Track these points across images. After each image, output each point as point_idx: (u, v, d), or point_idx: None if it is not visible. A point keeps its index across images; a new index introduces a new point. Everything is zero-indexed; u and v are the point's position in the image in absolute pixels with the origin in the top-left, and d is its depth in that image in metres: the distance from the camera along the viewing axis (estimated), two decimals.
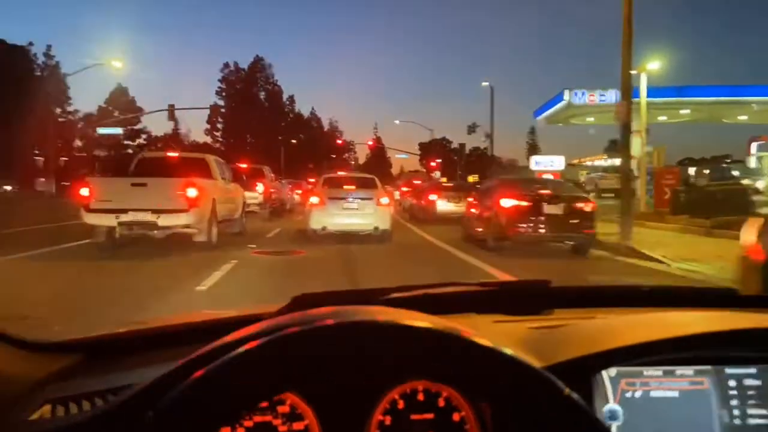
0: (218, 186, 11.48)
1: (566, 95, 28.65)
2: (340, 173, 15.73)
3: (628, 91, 15.11)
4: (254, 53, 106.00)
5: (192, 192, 9.74)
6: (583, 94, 28.47)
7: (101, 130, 42.04)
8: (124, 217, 9.59)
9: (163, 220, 9.65)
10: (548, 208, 10.41)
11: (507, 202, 10.79)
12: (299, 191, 29.19)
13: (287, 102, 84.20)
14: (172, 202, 9.67)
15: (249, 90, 76.23)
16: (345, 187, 12.99)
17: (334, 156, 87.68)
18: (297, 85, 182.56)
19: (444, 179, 45.57)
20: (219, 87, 75.68)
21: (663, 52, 25.27)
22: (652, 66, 22.51)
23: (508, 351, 0.71)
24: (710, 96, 27.05)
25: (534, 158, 26.60)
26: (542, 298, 1.20)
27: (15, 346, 0.92)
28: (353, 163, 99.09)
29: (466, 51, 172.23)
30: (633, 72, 15.98)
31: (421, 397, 0.85)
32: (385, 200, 12.58)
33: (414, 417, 0.89)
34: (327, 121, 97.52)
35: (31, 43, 50.43)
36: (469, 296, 1.21)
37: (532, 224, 10.53)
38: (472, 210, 13.09)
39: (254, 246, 11.02)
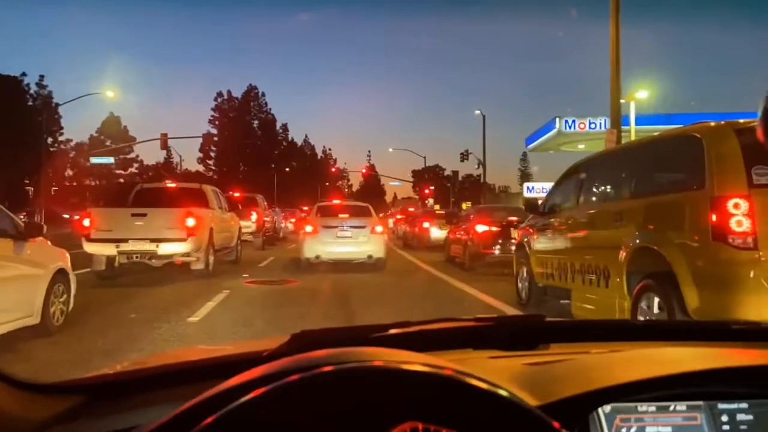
0: (215, 215, 11.65)
1: (557, 123, 28.91)
2: (335, 201, 15.82)
3: (618, 119, 15.33)
4: (247, 82, 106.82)
5: (191, 221, 9.92)
6: (573, 122, 28.75)
7: (94, 160, 41.99)
8: (124, 246, 9.77)
9: (163, 249, 9.85)
10: (515, 233, 10.60)
11: (480, 228, 12.20)
12: (293, 219, 29.29)
13: (280, 130, 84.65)
14: (171, 231, 9.86)
15: (242, 119, 76.57)
16: (339, 215, 12.98)
17: (327, 183, 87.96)
18: (290, 114, 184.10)
19: (437, 206, 45.78)
20: (212, 116, 76.06)
21: (651, 81, 25.75)
22: (640, 95, 22.86)
23: (503, 391, 0.72)
24: (698, 122, 27.46)
25: (527, 185, 26.75)
26: (537, 333, 1.21)
27: (17, 388, 0.91)
28: (347, 190, 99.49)
29: (458, 79, 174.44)
30: (622, 101, 16.27)
31: None
32: (379, 228, 12.63)
33: None
34: (320, 148, 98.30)
35: (24, 74, 50.78)
36: (464, 332, 1.21)
37: (500, 247, 11.76)
38: (452, 235, 14.65)
39: (247, 275, 10.99)
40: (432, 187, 66.57)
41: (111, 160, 42.59)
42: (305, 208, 40.37)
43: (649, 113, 26.65)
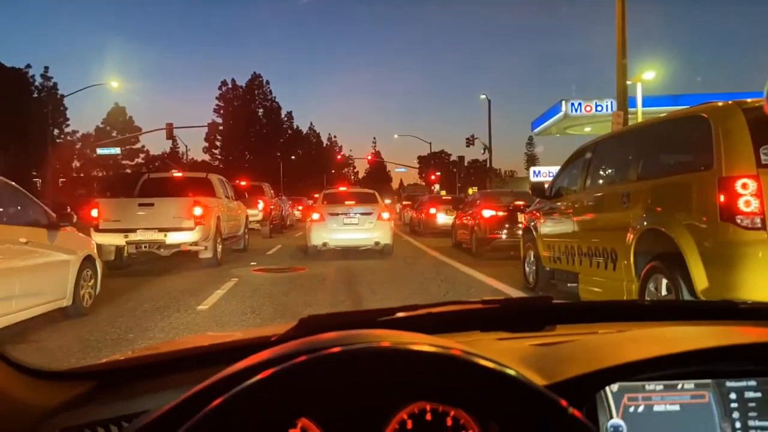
0: (222, 204, 11.67)
1: (563, 106, 28.70)
2: (341, 188, 15.93)
3: (624, 101, 15.21)
4: (251, 70, 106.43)
5: (198, 210, 9.99)
6: (579, 104, 28.53)
7: (100, 150, 42.02)
8: (132, 236, 9.87)
9: (171, 239, 9.92)
10: (522, 217, 10.67)
11: (487, 213, 12.28)
12: (300, 207, 29.29)
13: (285, 118, 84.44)
14: (179, 220, 9.93)
15: (247, 107, 76.35)
16: (346, 202, 12.99)
17: (333, 171, 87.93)
18: (295, 102, 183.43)
19: (443, 192, 45.63)
20: (217, 105, 75.96)
21: (658, 61, 25.49)
22: (647, 76, 22.63)
23: (511, 371, 0.72)
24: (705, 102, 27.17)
25: (533, 169, 26.60)
26: (544, 314, 1.20)
27: (27, 375, 0.93)
28: (353, 177, 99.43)
29: (464, 64, 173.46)
30: (629, 82, 16.11)
31: (429, 417, 0.86)
32: (386, 215, 12.62)
33: None
34: (326, 136, 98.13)
35: (28, 66, 50.81)
36: (471, 314, 1.21)
37: (507, 231, 11.87)
38: (459, 220, 14.85)
39: (255, 263, 11.05)
40: (438, 173, 66.40)
41: (117, 150, 42.55)
42: (316, 195, 40.05)
43: (657, 94, 26.45)
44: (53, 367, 0.99)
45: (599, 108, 28.28)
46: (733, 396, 0.93)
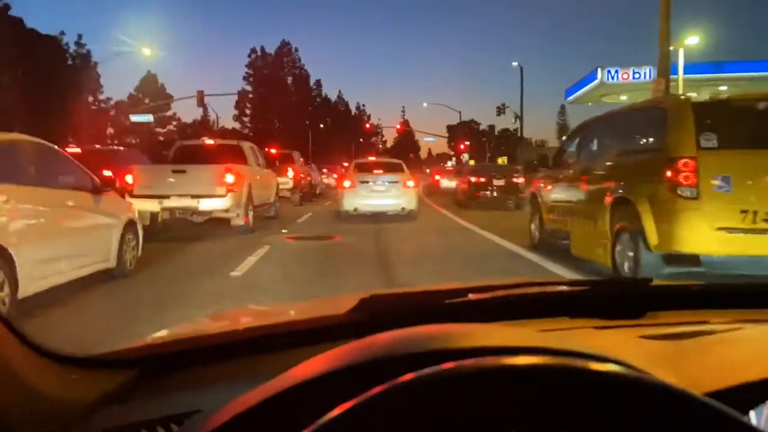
0: (253, 171, 11.73)
1: (599, 74, 27.85)
2: (370, 159, 17.73)
3: (666, 67, 14.62)
4: (281, 38, 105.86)
5: (230, 178, 9.98)
6: (616, 72, 27.63)
7: (134, 118, 42.18)
8: (166, 203, 9.97)
9: (204, 205, 9.96)
10: (496, 182, 19.57)
11: (473, 179, 19.93)
12: (335, 175, 29.77)
13: (314, 86, 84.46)
14: (211, 187, 9.97)
15: (276, 75, 76.30)
16: (374, 171, 14.03)
17: (362, 140, 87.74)
18: (324, 70, 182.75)
19: (472, 162, 45.18)
20: (246, 72, 75.97)
21: (702, 27, 24.46)
22: (690, 41, 21.76)
23: (656, 380, 0.56)
24: (750, 71, 26.04)
25: (564, 139, 25.91)
26: (644, 299, 1.08)
27: (59, 363, 0.80)
28: (381, 146, 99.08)
29: (495, 32, 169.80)
30: (671, 48, 15.48)
31: None
32: (411, 183, 13.79)
33: None
34: (354, 105, 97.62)
35: (62, 33, 51.22)
36: (556, 298, 1.10)
37: (487, 191, 19.51)
38: (458, 185, 22.04)
39: (286, 231, 11.11)
40: (467, 143, 65.84)
41: (150, 118, 42.61)
42: (345, 164, 40.51)
43: (699, 61, 25.47)
44: (87, 354, 0.88)
45: (637, 76, 27.39)
46: None
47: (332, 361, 0.66)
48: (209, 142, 13.18)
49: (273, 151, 19.73)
